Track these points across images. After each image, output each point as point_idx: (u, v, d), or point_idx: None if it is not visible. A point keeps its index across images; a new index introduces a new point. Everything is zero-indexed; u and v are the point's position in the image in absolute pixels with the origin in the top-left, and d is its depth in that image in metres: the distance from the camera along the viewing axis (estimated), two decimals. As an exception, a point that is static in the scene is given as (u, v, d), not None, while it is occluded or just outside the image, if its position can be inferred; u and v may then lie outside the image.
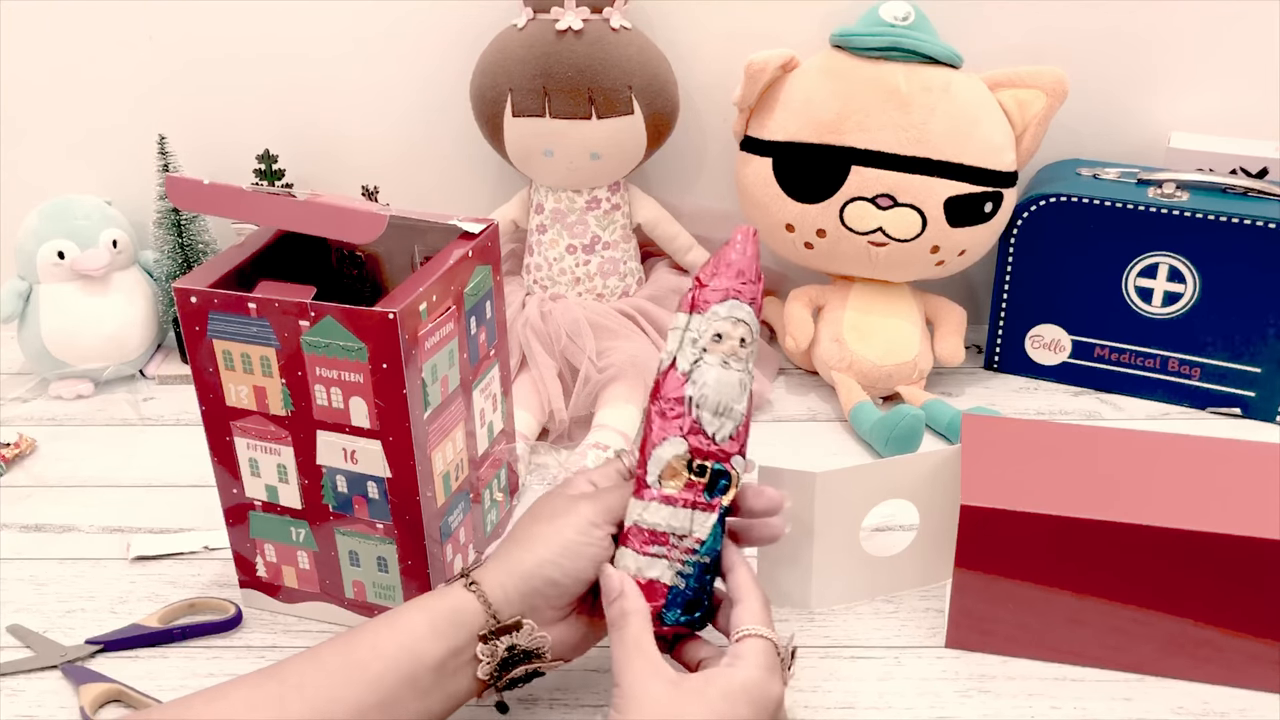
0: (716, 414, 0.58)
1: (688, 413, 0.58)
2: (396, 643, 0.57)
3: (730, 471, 0.58)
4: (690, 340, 0.59)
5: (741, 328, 0.59)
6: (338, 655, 0.57)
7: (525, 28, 0.95)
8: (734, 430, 0.59)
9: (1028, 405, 1.00)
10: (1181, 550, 0.65)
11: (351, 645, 0.57)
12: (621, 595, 0.58)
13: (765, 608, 0.58)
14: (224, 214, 0.71)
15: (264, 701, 0.54)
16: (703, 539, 0.58)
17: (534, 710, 0.68)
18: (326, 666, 0.56)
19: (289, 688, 0.55)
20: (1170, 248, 0.94)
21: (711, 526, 0.58)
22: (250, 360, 0.67)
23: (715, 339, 0.58)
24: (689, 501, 0.58)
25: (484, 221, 0.74)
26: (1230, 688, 0.68)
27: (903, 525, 0.80)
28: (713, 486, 0.58)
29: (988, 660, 0.71)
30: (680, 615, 0.59)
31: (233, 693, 0.55)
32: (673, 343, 0.59)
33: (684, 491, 0.58)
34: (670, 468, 0.58)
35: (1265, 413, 0.96)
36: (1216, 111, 1.03)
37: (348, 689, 0.55)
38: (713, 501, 0.58)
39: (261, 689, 0.55)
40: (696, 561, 0.59)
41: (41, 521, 0.86)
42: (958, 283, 1.07)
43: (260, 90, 1.08)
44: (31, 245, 1.02)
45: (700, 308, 0.59)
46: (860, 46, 0.93)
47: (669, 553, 0.58)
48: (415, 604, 0.59)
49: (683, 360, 0.58)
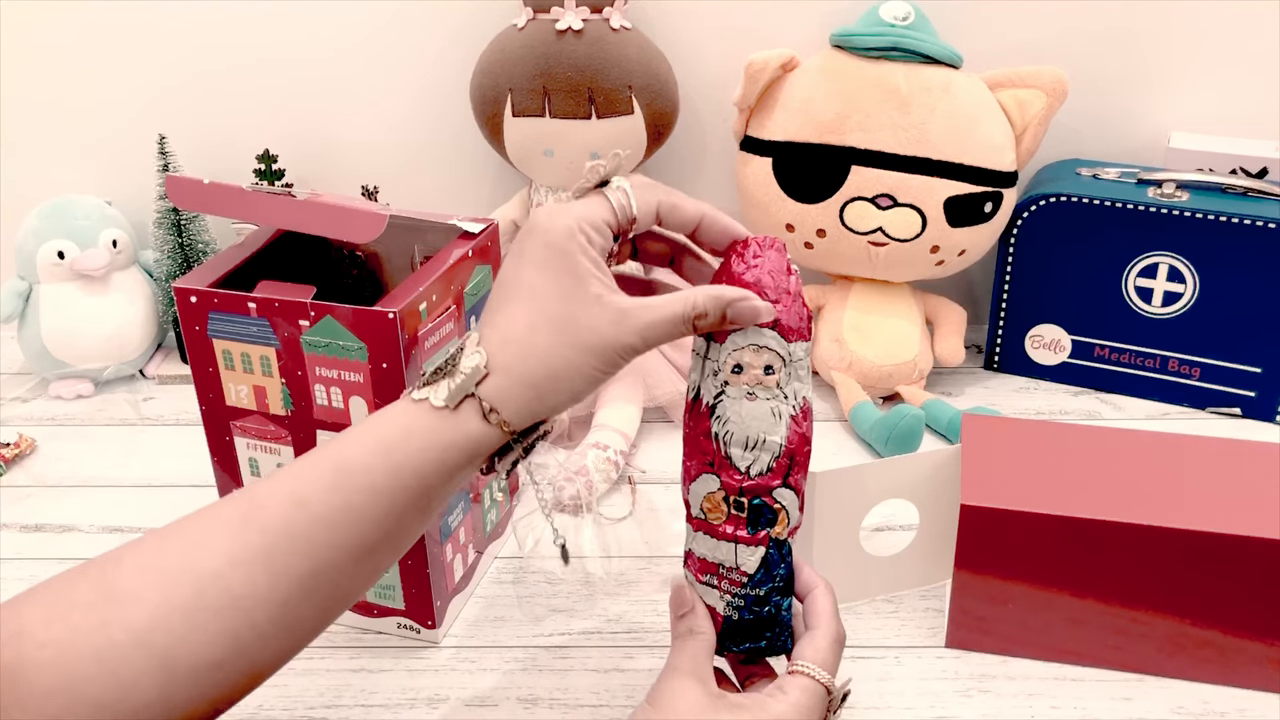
0: (747, 449, 0.54)
1: (717, 449, 0.55)
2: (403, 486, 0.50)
3: (773, 506, 0.55)
4: (711, 372, 0.55)
5: (765, 355, 0.54)
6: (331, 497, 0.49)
7: (525, 28, 0.95)
8: (771, 462, 0.55)
9: (1028, 405, 1.00)
10: (1181, 550, 0.65)
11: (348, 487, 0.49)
12: (692, 613, 0.56)
13: (833, 645, 0.55)
14: (224, 214, 0.71)
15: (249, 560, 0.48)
16: (749, 572, 0.56)
17: (534, 710, 0.68)
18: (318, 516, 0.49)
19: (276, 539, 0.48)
20: (1170, 248, 0.94)
21: (759, 560, 0.55)
22: (250, 360, 0.67)
23: (735, 371, 0.54)
24: (730, 535, 0.56)
25: (484, 221, 0.74)
26: (1230, 688, 0.68)
27: (903, 525, 0.80)
28: (755, 521, 0.55)
29: (988, 660, 0.71)
30: (738, 644, 0.57)
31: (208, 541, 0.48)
32: (695, 373, 0.56)
33: (725, 524, 0.56)
34: (708, 501, 0.56)
35: (1265, 413, 0.96)
36: (1216, 111, 1.03)
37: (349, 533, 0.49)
38: (757, 535, 0.55)
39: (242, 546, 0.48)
40: (746, 594, 0.56)
41: (41, 521, 0.86)
42: (958, 283, 1.07)
43: (260, 90, 1.08)
44: (31, 245, 1.02)
45: (717, 336, 0.54)
46: (860, 46, 0.93)
47: (719, 583, 0.56)
48: (412, 437, 0.50)
49: (705, 394, 0.55)
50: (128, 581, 0.46)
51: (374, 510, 0.49)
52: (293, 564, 0.48)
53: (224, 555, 0.47)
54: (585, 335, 0.50)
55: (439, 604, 0.72)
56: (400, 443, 0.50)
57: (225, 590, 0.46)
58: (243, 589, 0.47)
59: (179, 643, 0.45)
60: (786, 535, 0.56)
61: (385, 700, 0.69)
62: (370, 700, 0.69)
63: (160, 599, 0.46)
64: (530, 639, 0.74)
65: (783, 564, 0.56)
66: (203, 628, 0.46)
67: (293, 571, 0.48)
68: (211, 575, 0.46)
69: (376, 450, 0.50)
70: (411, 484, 0.50)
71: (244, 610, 0.47)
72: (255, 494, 0.49)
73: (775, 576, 0.56)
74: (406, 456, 0.50)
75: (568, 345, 0.50)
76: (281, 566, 0.48)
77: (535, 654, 0.72)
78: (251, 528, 0.48)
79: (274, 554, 0.48)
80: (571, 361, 0.51)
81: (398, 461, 0.50)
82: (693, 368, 0.56)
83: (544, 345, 0.51)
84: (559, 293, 0.50)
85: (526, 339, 0.51)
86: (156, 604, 0.45)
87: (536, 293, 0.51)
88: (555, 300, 0.51)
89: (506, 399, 0.50)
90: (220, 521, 0.48)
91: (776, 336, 0.54)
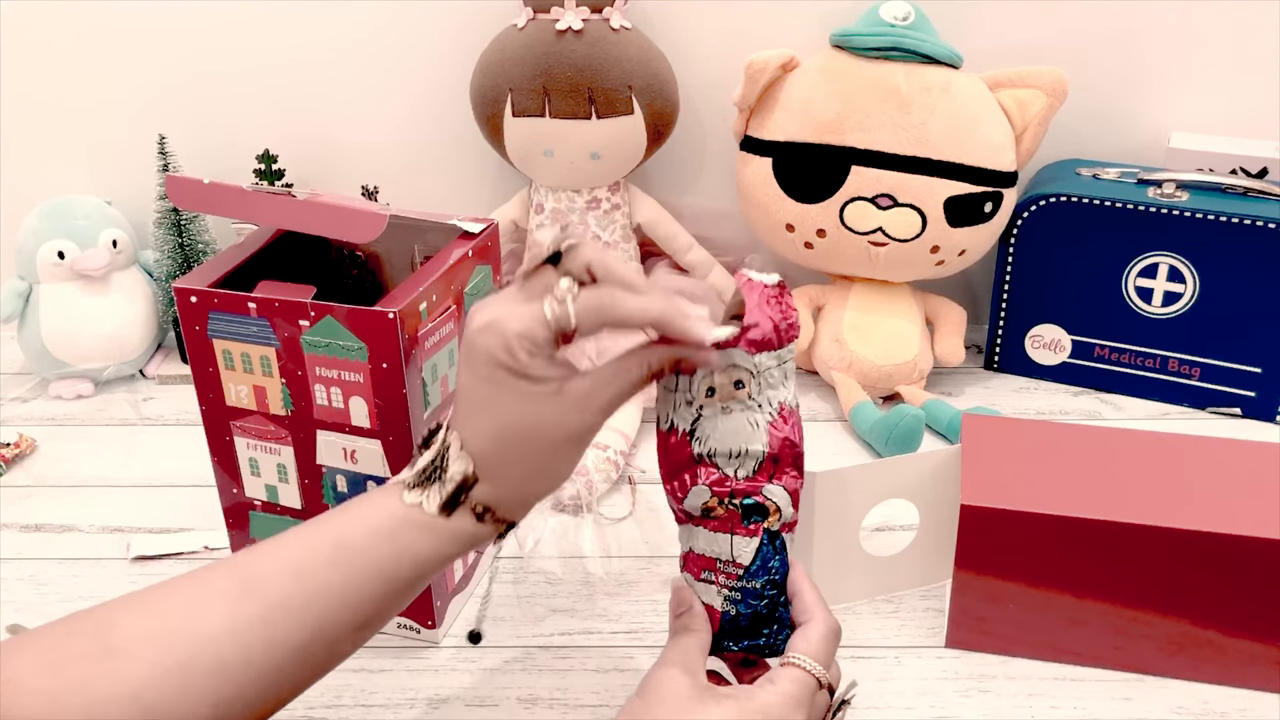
0: (731, 458, 0.56)
1: (703, 465, 0.57)
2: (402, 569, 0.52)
3: (763, 502, 0.57)
4: (685, 401, 0.57)
5: (735, 372, 0.56)
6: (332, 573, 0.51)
7: (525, 28, 0.95)
8: (756, 466, 0.57)
9: (1028, 405, 1.00)
10: (1181, 550, 0.65)
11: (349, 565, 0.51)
12: (689, 612, 0.57)
13: (826, 636, 0.56)
14: (224, 214, 0.71)
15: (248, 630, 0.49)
16: (744, 564, 0.57)
17: (534, 710, 0.68)
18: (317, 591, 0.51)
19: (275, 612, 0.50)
20: (1170, 248, 0.94)
21: (754, 551, 0.57)
22: (250, 360, 0.67)
23: (708, 394, 0.56)
24: (727, 526, 0.57)
25: (484, 221, 0.74)
26: (1230, 688, 0.68)
27: (903, 525, 0.80)
28: (748, 516, 0.57)
29: (988, 660, 0.71)
30: (736, 642, 0.58)
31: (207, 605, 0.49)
32: (664, 405, 0.58)
33: (724, 518, 0.57)
34: (706, 505, 0.57)
35: (1265, 413, 0.96)
36: (1216, 111, 1.03)
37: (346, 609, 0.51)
38: (752, 526, 0.57)
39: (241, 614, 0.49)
40: (742, 587, 0.57)
41: (41, 521, 0.86)
42: (958, 283, 1.07)
43: (260, 90, 1.08)
44: (31, 245, 1.02)
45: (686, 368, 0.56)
46: (860, 46, 0.93)
47: (716, 578, 0.57)
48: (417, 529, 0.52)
49: (681, 422, 0.57)
50: (124, 639, 0.47)
51: (373, 589, 0.52)
52: (289, 636, 0.49)
53: (221, 623, 0.48)
54: (553, 432, 0.53)
55: (439, 604, 0.72)
56: (399, 532, 0.52)
57: (220, 657, 0.48)
58: (237, 657, 0.48)
59: (169, 703, 0.46)
60: (780, 528, 0.57)
61: (385, 700, 0.69)
62: (370, 700, 0.69)
63: (155, 659, 0.47)
64: (530, 639, 0.74)
65: (776, 557, 0.57)
66: (194, 691, 0.47)
67: (289, 643, 0.49)
68: (208, 640, 0.48)
69: (377, 533, 0.52)
70: (409, 569, 0.52)
71: (235, 677, 0.48)
72: (254, 564, 0.51)
73: (770, 569, 0.57)
74: (408, 544, 0.52)
75: (542, 446, 0.53)
76: (279, 638, 0.49)
77: (535, 654, 0.72)
78: (250, 599, 0.49)
79: (272, 625, 0.49)
80: (549, 457, 0.54)
81: (399, 548, 0.52)
82: (660, 400, 0.58)
83: (519, 452, 0.53)
84: (517, 399, 0.52)
85: (501, 450, 0.53)
86: (151, 664, 0.47)
87: (496, 404, 0.52)
88: (515, 407, 0.52)
89: (498, 501, 0.53)
90: (218, 589, 0.50)
91: (742, 354, 0.56)
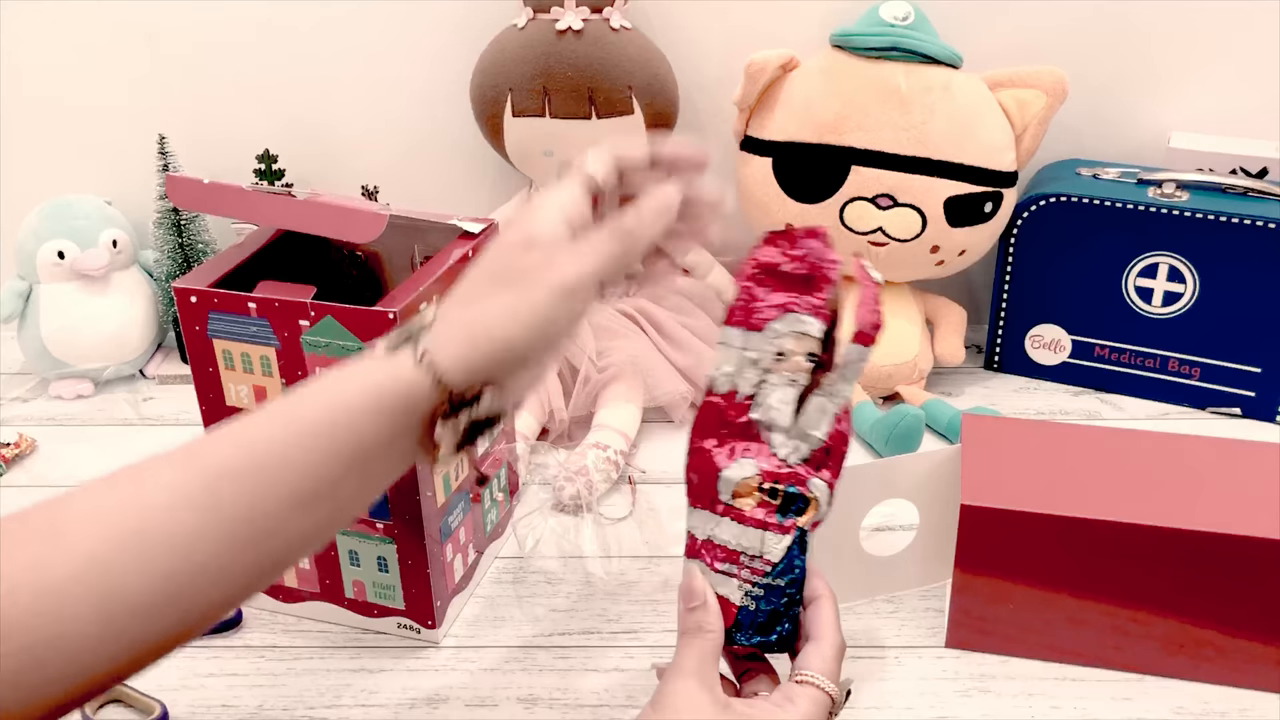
0: (789, 436, 0.55)
1: (757, 435, 0.55)
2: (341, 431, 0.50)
3: (807, 495, 0.56)
4: (750, 361, 0.55)
5: (807, 342, 0.55)
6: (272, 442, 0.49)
7: (525, 28, 0.95)
8: (810, 452, 0.55)
9: (1028, 405, 1.00)
10: (1181, 550, 0.65)
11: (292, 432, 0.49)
12: (703, 607, 0.55)
13: (837, 655, 0.55)
14: (224, 214, 0.71)
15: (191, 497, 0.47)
16: (774, 561, 0.55)
17: (534, 710, 0.68)
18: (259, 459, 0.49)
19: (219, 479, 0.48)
20: (1170, 248, 0.94)
21: (785, 549, 0.55)
22: (250, 360, 0.67)
23: (778, 358, 0.54)
24: (759, 521, 0.55)
25: (484, 221, 0.74)
26: (1230, 688, 0.68)
27: (903, 525, 0.80)
28: (786, 509, 0.55)
29: (988, 660, 0.71)
30: (749, 638, 0.56)
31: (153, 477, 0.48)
32: (728, 363, 0.56)
33: (755, 510, 0.55)
34: (741, 487, 0.56)
35: (1265, 413, 0.96)
36: (1216, 111, 1.03)
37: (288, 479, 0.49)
38: (786, 523, 0.55)
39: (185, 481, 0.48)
40: (767, 584, 0.56)
41: (41, 521, 0.86)
42: (958, 283, 1.07)
43: (260, 90, 1.08)
44: (31, 245, 1.02)
45: (755, 325, 0.55)
46: (860, 46, 0.93)
47: (738, 572, 0.56)
48: (352, 378, 0.50)
49: (744, 384, 0.55)
50: (72, 520, 0.45)
51: (313, 456, 0.49)
52: (237, 504, 0.47)
53: (166, 492, 0.46)
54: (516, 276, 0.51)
55: (439, 604, 0.72)
56: (341, 387, 0.50)
57: (164, 527, 0.46)
58: (181, 527, 0.46)
59: (118, 580, 0.44)
60: (810, 527, 0.56)
61: (385, 700, 0.69)
62: (370, 700, 0.69)
63: (102, 536, 0.45)
64: (530, 639, 0.74)
65: (801, 557, 0.56)
66: (141, 567, 0.45)
67: (234, 514, 0.47)
68: (153, 511, 0.46)
69: (320, 397, 0.50)
70: (348, 430, 0.49)
71: (183, 550, 0.46)
72: (204, 438, 0.49)
73: (795, 568, 0.56)
74: (346, 399, 0.49)
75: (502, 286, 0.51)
76: (224, 506, 0.47)
77: (535, 654, 0.72)
78: (194, 466, 0.47)
79: (215, 493, 0.47)
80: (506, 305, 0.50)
81: (338, 404, 0.49)
82: (721, 360, 0.56)
83: (482, 291, 0.51)
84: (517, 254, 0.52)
85: (467, 289, 0.52)
86: (98, 540, 0.45)
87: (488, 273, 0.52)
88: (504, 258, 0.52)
89: (441, 343, 0.50)
90: (166, 461, 0.48)
91: (819, 324, 0.55)
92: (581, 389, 0.94)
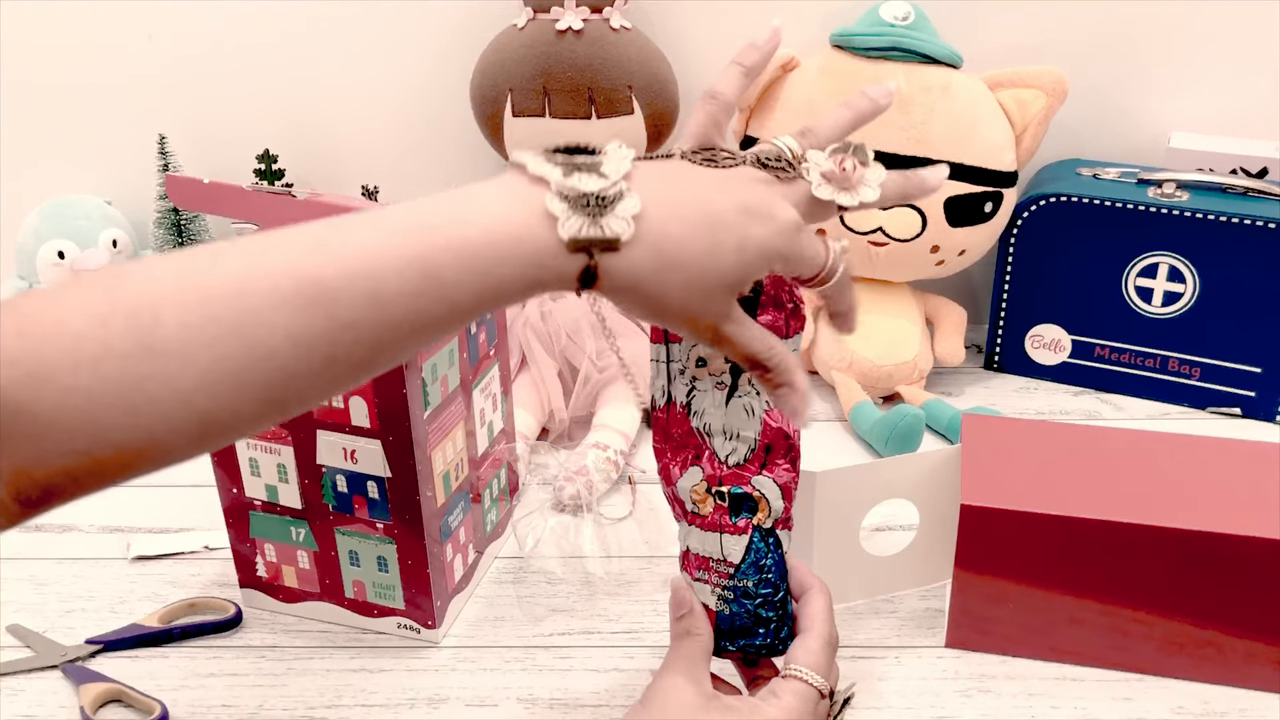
0: (726, 438, 0.56)
1: (700, 442, 0.57)
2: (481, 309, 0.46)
3: (752, 494, 0.57)
4: (677, 371, 0.56)
5: None
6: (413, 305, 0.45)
7: (525, 28, 0.95)
8: (747, 453, 0.57)
9: (1028, 405, 1.00)
10: (1181, 550, 0.65)
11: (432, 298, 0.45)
12: (690, 614, 0.56)
13: (826, 647, 0.56)
14: (224, 213, 0.71)
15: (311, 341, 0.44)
16: (734, 562, 0.56)
17: (534, 710, 0.68)
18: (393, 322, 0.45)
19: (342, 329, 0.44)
20: (1170, 248, 0.94)
21: (744, 550, 0.56)
22: (250, 360, 0.67)
23: (699, 364, 0.56)
24: (715, 524, 0.57)
25: (484, 221, 0.74)
26: (1230, 688, 0.68)
27: (903, 525, 0.80)
28: (737, 509, 0.57)
29: (988, 660, 0.71)
30: (731, 644, 0.57)
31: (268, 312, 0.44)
32: (660, 377, 0.57)
33: (712, 515, 0.57)
34: (695, 493, 0.57)
35: (1265, 413, 0.96)
36: (1216, 111, 1.03)
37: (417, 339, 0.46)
38: (739, 524, 0.56)
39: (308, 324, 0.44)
40: (734, 586, 0.57)
41: (41, 521, 0.85)
42: (958, 283, 1.07)
43: (260, 90, 1.08)
44: (31, 245, 1.02)
45: (673, 336, 0.56)
46: (860, 46, 0.93)
47: (709, 577, 0.57)
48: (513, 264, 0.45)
49: (677, 394, 0.57)
50: (173, 339, 0.42)
51: (449, 324, 0.45)
52: (354, 354, 0.44)
53: (284, 334, 0.43)
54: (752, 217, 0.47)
55: (439, 604, 0.72)
56: (493, 269, 0.45)
57: (279, 369, 0.43)
58: (296, 368, 0.44)
59: (221, 408, 0.43)
60: (772, 524, 0.57)
61: (385, 700, 0.69)
62: (370, 700, 0.69)
63: (210, 364, 0.42)
64: (530, 639, 0.74)
65: (769, 555, 0.57)
66: (248, 398, 0.43)
67: (351, 359, 0.44)
68: (268, 352, 0.43)
69: (466, 264, 0.44)
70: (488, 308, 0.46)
71: (292, 387, 0.44)
72: (324, 275, 0.44)
73: (763, 567, 0.57)
74: (498, 284, 0.45)
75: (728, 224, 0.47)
76: (342, 355, 0.44)
77: (535, 654, 0.72)
78: (318, 312, 0.43)
79: (338, 344, 0.44)
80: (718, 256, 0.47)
81: (489, 288, 0.45)
82: (654, 376, 0.57)
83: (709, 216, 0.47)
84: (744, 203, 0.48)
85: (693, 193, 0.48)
86: (205, 370, 0.42)
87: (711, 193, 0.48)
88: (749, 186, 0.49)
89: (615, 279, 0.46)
90: (282, 296, 0.43)
91: None
92: (581, 389, 0.94)
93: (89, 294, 0.42)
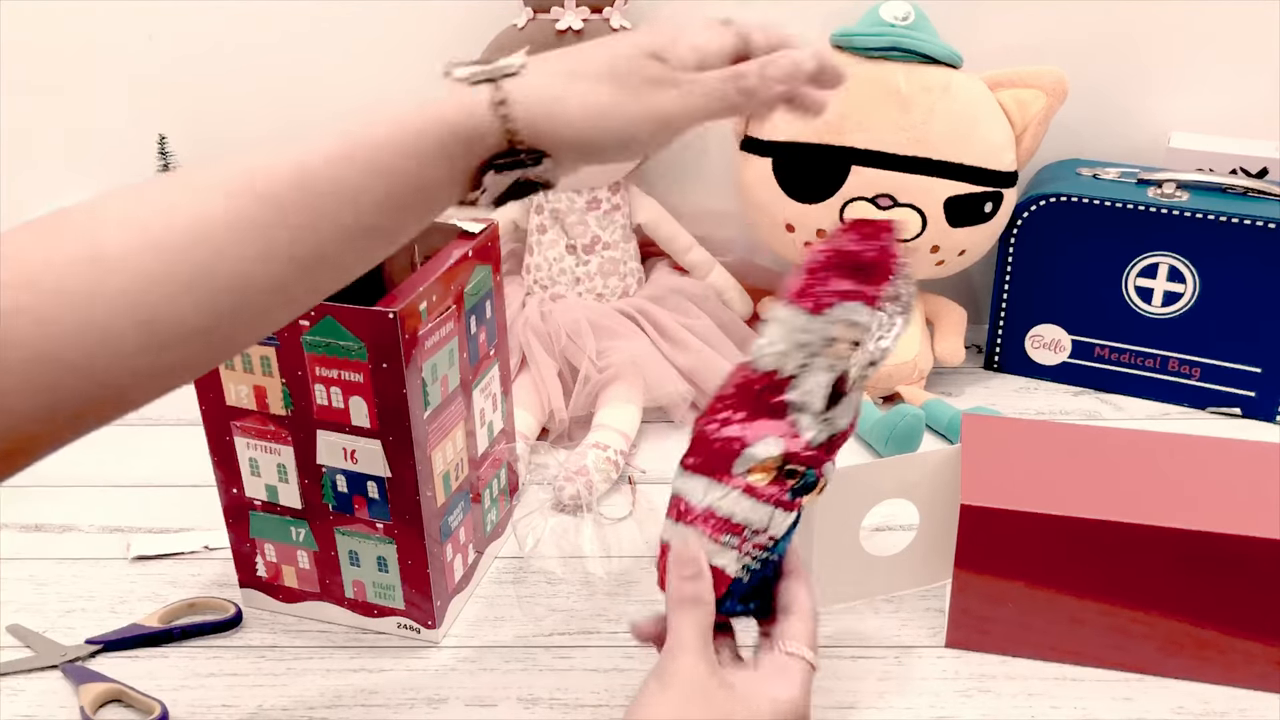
0: (817, 420, 0.56)
1: (783, 415, 0.56)
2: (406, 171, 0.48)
3: (821, 478, 0.57)
4: (800, 344, 0.56)
5: (855, 331, 0.55)
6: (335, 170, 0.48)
7: (525, 28, 0.95)
8: (830, 437, 0.56)
9: (1028, 405, 1.00)
10: (1181, 550, 0.65)
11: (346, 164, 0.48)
12: (699, 576, 0.55)
13: (814, 624, 0.56)
14: (224, 214, 0.71)
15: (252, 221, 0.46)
16: (777, 537, 0.56)
17: (534, 710, 0.68)
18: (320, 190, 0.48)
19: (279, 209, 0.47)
20: (1170, 248, 0.94)
21: (789, 526, 0.57)
22: (250, 359, 0.67)
23: (827, 343, 0.55)
24: (773, 498, 0.56)
25: (484, 221, 0.74)
26: (1230, 688, 0.68)
27: (903, 525, 0.80)
28: (799, 489, 0.56)
29: (988, 660, 0.71)
30: (736, 605, 0.57)
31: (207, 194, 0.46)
32: (781, 341, 0.56)
33: (769, 487, 0.56)
34: (762, 465, 0.56)
35: (1265, 413, 0.96)
36: (1216, 111, 1.03)
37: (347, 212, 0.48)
38: (795, 501, 0.56)
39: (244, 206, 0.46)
40: (766, 558, 0.57)
41: (41, 521, 0.86)
42: (958, 283, 1.07)
43: (260, 90, 1.08)
44: (31, 245, 1.02)
45: (818, 308, 0.55)
46: (860, 46, 0.93)
47: (740, 545, 0.56)
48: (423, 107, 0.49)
49: (789, 365, 0.56)
50: (116, 244, 0.43)
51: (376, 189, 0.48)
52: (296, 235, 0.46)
53: (222, 224, 0.45)
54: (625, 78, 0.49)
55: (439, 604, 0.72)
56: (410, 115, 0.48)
57: (221, 263, 0.45)
58: (238, 265, 0.45)
59: (168, 311, 0.43)
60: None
61: (385, 700, 0.69)
62: (370, 700, 0.69)
63: (153, 268, 0.43)
64: (530, 639, 0.74)
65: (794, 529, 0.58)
66: (194, 301, 0.44)
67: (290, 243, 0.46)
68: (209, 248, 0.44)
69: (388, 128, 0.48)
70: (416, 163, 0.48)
71: (237, 288, 0.45)
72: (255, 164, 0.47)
73: (789, 540, 0.58)
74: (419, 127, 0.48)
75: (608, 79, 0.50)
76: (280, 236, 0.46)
77: (535, 654, 0.72)
78: (249, 194, 0.46)
79: (271, 226, 0.46)
80: (602, 102, 0.49)
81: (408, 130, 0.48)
82: (774, 337, 0.56)
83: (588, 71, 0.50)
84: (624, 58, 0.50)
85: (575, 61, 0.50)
86: (149, 274, 0.43)
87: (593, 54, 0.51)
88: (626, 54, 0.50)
89: (524, 97, 0.48)
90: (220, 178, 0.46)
91: (870, 315, 0.55)
92: (581, 389, 0.94)
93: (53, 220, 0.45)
